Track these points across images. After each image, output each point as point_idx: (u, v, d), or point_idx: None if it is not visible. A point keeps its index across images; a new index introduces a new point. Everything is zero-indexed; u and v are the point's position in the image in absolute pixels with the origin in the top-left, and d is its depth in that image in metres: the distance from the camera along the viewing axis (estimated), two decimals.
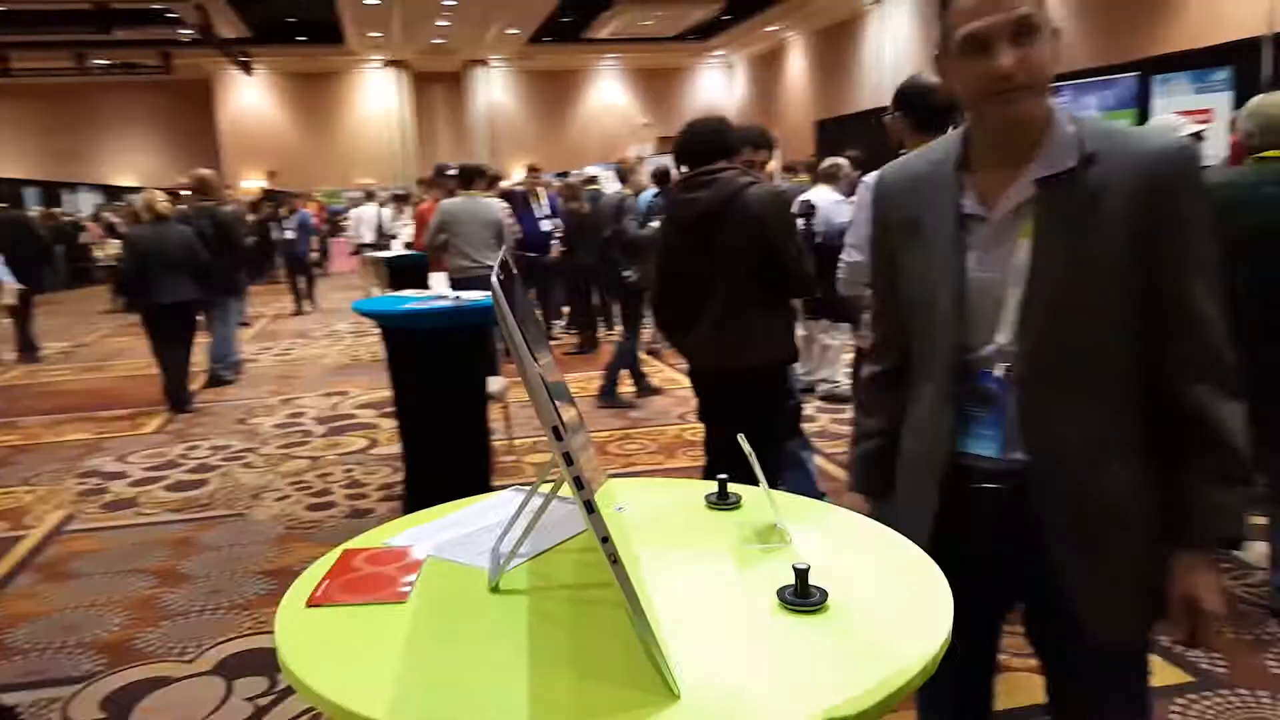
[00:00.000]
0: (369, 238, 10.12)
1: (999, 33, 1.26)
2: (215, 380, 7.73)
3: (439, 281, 4.89)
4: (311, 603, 1.24)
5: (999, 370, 1.39)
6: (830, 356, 6.54)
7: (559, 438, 0.92)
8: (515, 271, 1.36)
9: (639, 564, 1.31)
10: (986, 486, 1.41)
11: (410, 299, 4.72)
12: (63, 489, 5.10)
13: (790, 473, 3.69)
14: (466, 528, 1.51)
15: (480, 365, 4.67)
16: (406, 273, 7.38)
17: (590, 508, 0.93)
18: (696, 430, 4.13)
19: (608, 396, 6.61)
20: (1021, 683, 2.71)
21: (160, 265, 6.65)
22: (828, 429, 5.74)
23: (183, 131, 24.13)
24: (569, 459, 0.93)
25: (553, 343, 9.34)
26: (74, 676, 3.01)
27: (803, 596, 1.18)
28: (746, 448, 1.43)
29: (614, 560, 0.94)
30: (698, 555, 1.36)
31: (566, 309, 9.55)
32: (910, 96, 2.99)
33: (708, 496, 1.57)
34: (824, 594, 1.19)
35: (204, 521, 4.48)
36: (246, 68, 21.89)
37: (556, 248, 8.84)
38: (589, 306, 8.94)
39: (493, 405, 5.31)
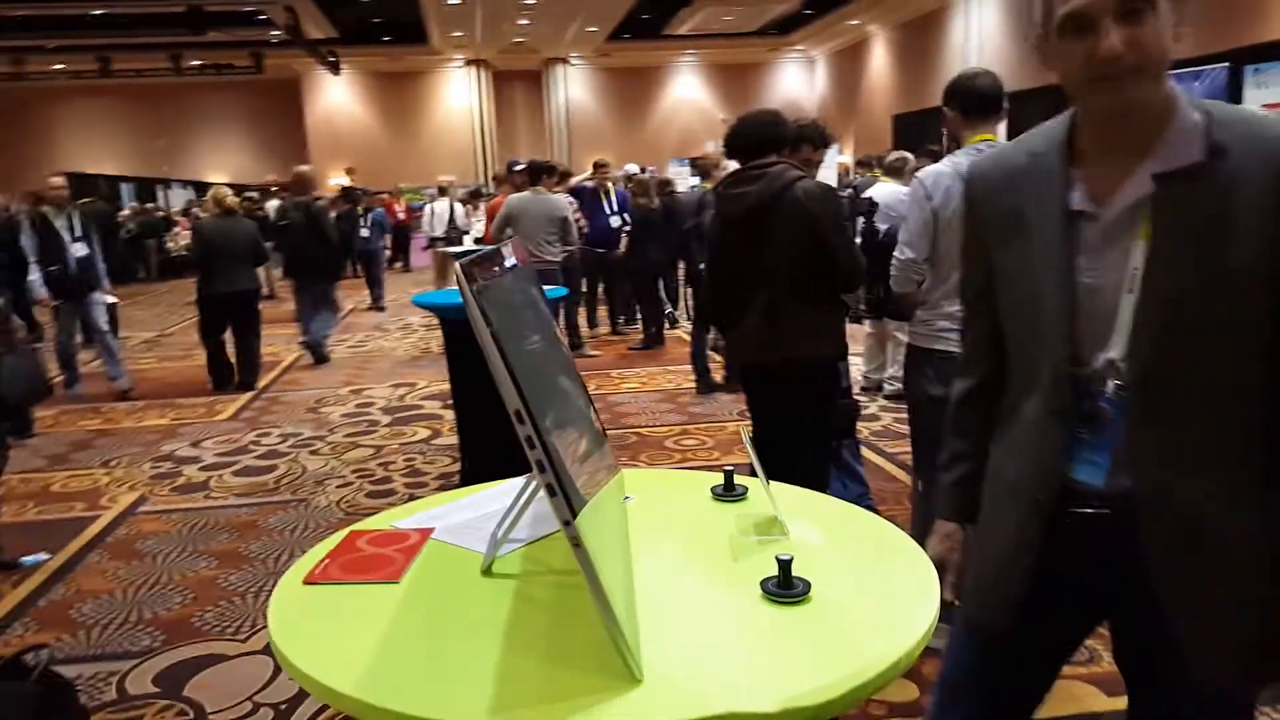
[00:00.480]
0: (440, 232, 10.31)
1: (1103, 10, 1.13)
2: (319, 358, 8.35)
3: None
4: (308, 580, 1.28)
5: (1110, 387, 1.24)
6: (901, 355, 6.43)
7: (520, 421, 0.93)
8: (516, 265, 1.37)
9: (630, 552, 1.31)
10: (1088, 511, 1.28)
11: None
12: (138, 472, 5.31)
13: (836, 473, 3.64)
14: (475, 512, 1.53)
15: None
16: None
17: (553, 491, 0.94)
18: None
19: (704, 383, 6.69)
20: (1074, 691, 2.63)
21: (225, 256, 7.05)
22: (891, 427, 5.64)
23: (272, 130, 24.87)
24: (530, 443, 0.93)
25: (618, 338, 9.37)
26: (132, 652, 3.13)
27: (785, 588, 1.17)
28: (746, 440, 1.42)
29: (576, 544, 0.95)
30: (693, 545, 1.36)
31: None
32: (956, 89, 2.95)
33: (713, 489, 1.56)
34: (807, 585, 1.18)
35: (269, 506, 4.62)
36: (334, 68, 22.44)
37: (625, 243, 8.86)
38: (656, 302, 8.95)
39: None
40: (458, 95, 25.37)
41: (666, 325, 9.18)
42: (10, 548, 3.98)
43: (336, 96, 24.47)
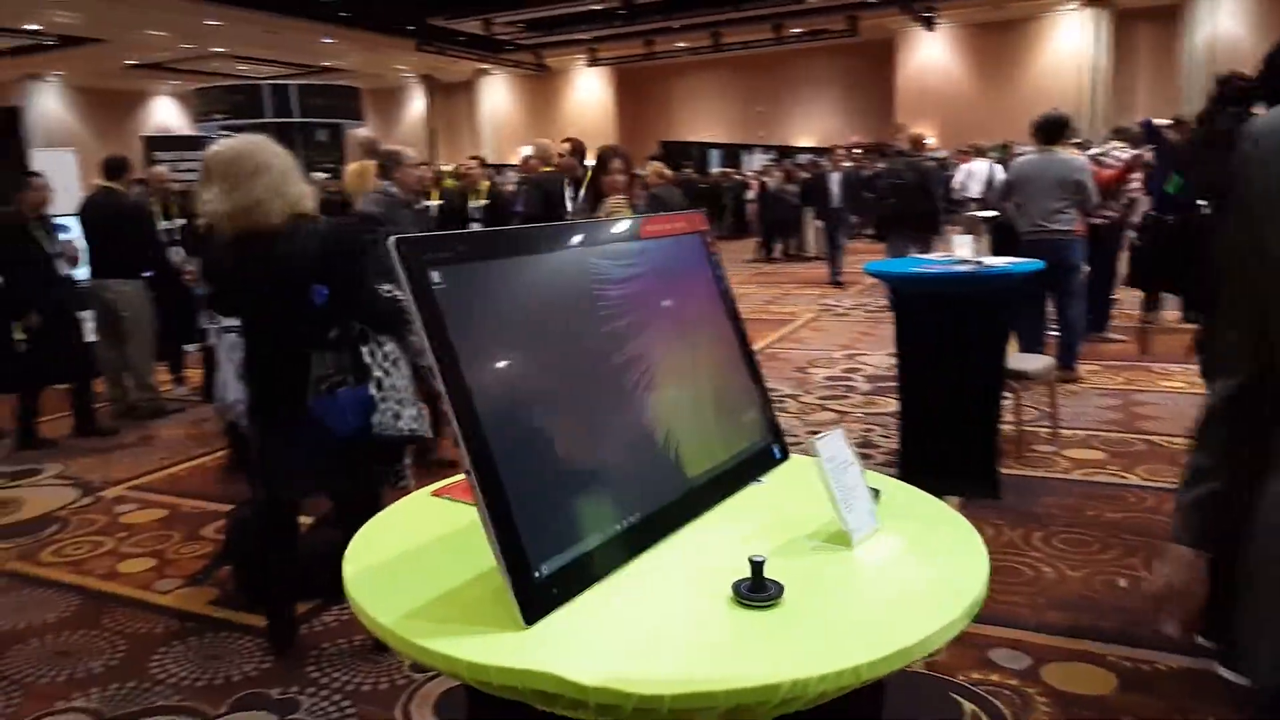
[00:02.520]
0: (975, 193, 9.83)
1: None
2: None
3: (963, 244, 4.70)
4: (436, 493, 1.56)
5: None
6: None
7: (431, 375, 1.09)
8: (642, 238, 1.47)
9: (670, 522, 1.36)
10: None
11: (926, 261, 4.66)
12: None
13: None
14: None
15: (995, 339, 4.39)
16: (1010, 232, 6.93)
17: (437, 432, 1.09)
18: None
19: None
20: None
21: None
22: None
23: (861, 92, 25.64)
24: (441, 398, 1.09)
25: (1190, 326, 8.01)
26: None
27: (756, 590, 1.15)
28: (814, 447, 1.35)
29: (466, 472, 1.09)
30: (745, 539, 1.34)
31: None
32: None
33: None
34: (780, 589, 1.15)
35: None
36: (929, 23, 22.36)
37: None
38: None
39: (1031, 387, 4.92)
40: (1067, 42, 23.42)
41: None
42: None
43: (929, 53, 24.29)
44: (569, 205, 5.84)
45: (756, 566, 1.16)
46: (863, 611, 1.14)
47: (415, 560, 1.32)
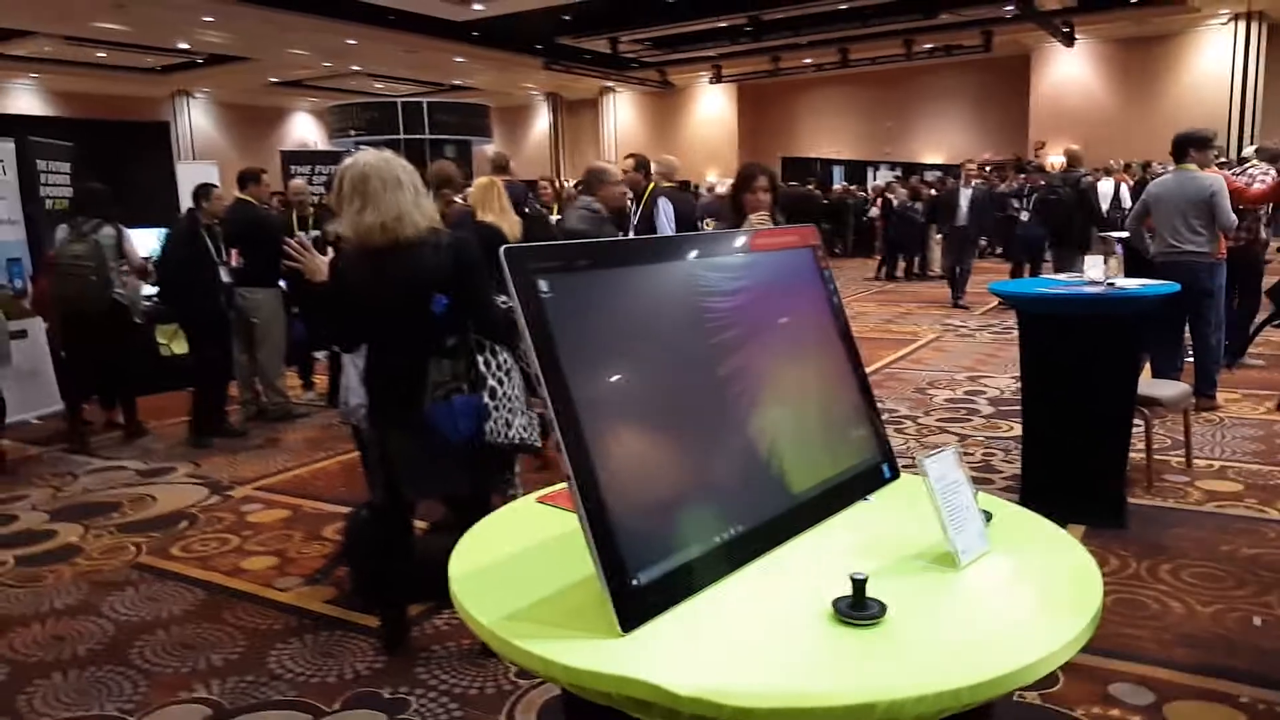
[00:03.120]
0: (1101, 212, 9.46)
1: None
2: None
3: (1093, 265, 4.51)
4: (541, 500, 1.58)
5: None
6: None
7: (538, 384, 1.11)
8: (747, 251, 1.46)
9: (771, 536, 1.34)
10: None
11: (1054, 281, 4.48)
12: None
13: None
14: None
15: (1126, 363, 4.19)
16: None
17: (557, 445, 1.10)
18: None
19: None
20: None
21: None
22: None
23: (994, 108, 24.89)
24: (545, 403, 1.10)
25: None
26: None
27: (856, 608, 1.12)
28: (923, 466, 1.31)
29: (567, 479, 1.09)
30: (848, 554, 1.32)
31: None
32: None
33: None
34: (882, 608, 1.12)
35: None
36: (1068, 39, 21.58)
37: None
38: None
39: (1164, 414, 4.67)
40: (1215, 57, 22.27)
41: None
42: None
43: (1067, 69, 23.44)
44: (631, 220, 5.95)
45: (858, 584, 1.13)
46: (966, 634, 1.10)
47: (518, 564, 1.33)
